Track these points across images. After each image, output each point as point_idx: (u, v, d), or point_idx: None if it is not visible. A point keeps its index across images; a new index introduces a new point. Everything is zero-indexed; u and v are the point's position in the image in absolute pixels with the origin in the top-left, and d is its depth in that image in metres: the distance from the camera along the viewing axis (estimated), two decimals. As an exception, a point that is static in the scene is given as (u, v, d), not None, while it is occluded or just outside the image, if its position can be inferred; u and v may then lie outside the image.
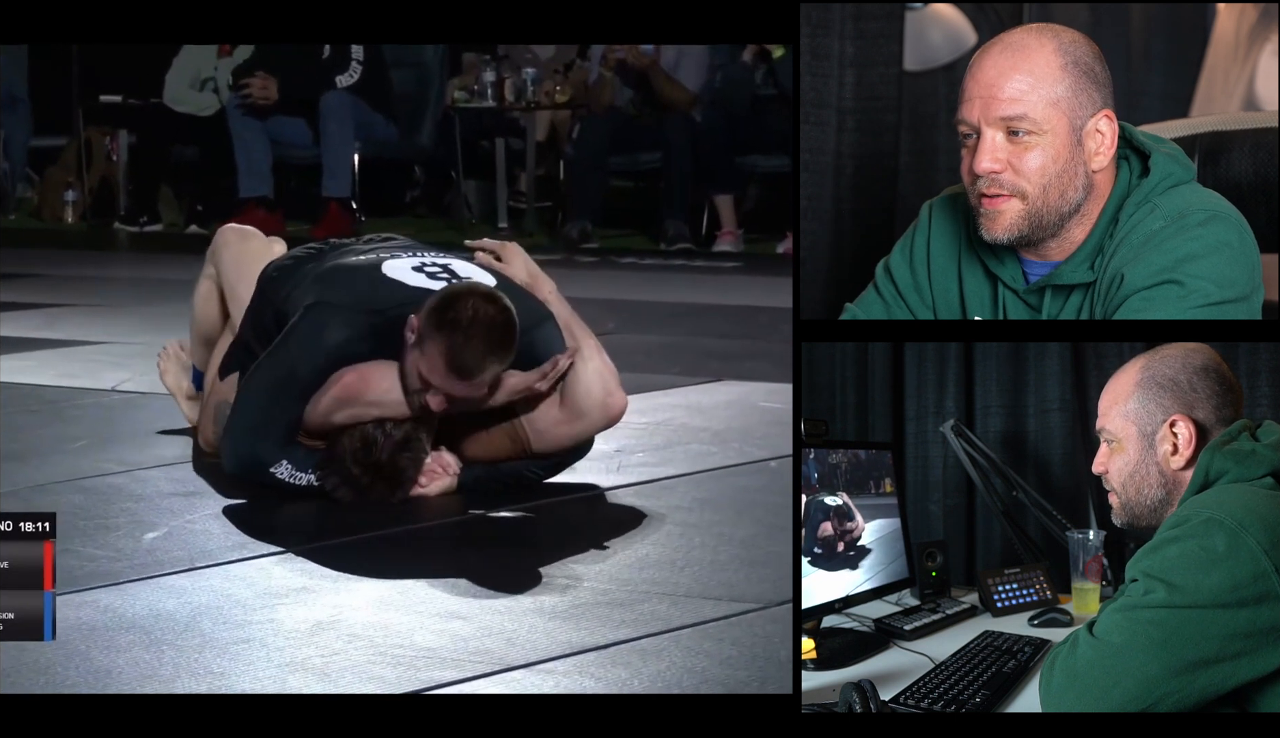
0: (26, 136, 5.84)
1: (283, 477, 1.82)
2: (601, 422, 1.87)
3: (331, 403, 1.81)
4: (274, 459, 1.81)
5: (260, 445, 1.81)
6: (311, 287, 1.87)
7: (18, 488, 1.92)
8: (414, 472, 1.82)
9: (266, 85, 4.93)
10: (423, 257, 1.92)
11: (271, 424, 1.81)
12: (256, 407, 1.83)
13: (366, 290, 1.85)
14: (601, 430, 1.90)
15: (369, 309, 1.83)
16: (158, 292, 3.56)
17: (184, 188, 5.41)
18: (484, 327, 1.74)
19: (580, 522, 1.84)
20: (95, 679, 1.29)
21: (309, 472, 1.82)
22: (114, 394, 2.51)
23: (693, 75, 4.79)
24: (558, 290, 1.91)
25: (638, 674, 1.31)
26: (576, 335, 1.86)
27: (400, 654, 1.35)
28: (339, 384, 1.80)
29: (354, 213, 4.99)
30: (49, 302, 3.59)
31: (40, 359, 2.83)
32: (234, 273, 2.08)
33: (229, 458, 1.85)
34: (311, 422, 1.82)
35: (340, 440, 1.81)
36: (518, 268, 1.91)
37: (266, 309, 1.94)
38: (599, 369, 1.84)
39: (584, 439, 1.89)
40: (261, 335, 1.93)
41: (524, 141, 5.23)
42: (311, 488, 1.83)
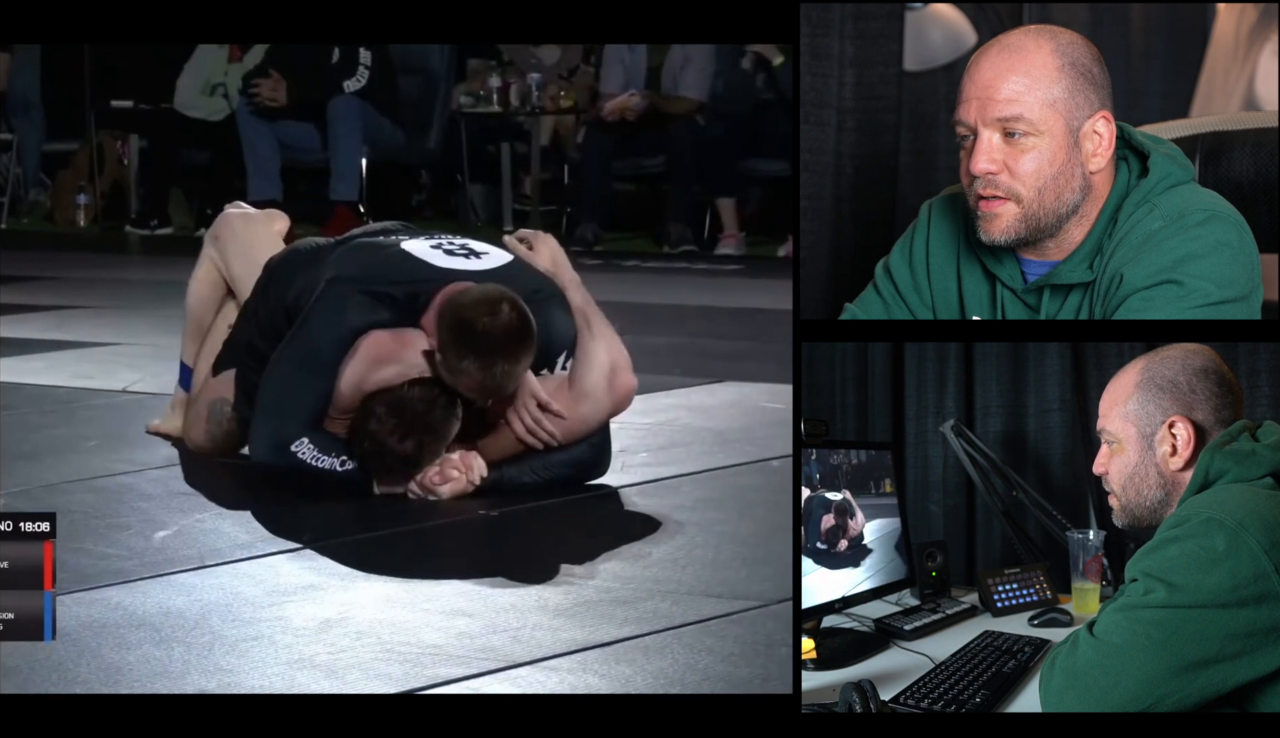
0: (39, 141, 5.89)
1: (304, 457, 1.80)
2: (608, 403, 1.86)
3: (365, 366, 1.79)
4: (296, 436, 1.80)
5: (286, 423, 1.80)
6: (329, 267, 1.87)
7: (30, 487, 1.94)
8: (446, 430, 1.81)
9: (276, 87, 4.96)
10: (439, 237, 1.93)
11: (298, 403, 1.80)
12: (281, 386, 1.82)
13: (386, 266, 1.85)
14: (610, 414, 1.88)
15: (389, 281, 1.83)
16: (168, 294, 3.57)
17: (194, 191, 5.45)
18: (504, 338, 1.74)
19: (584, 521, 1.85)
20: (106, 676, 1.31)
21: (331, 456, 1.81)
22: (125, 395, 2.53)
23: (696, 82, 4.81)
24: (578, 280, 1.89)
25: (641, 671, 1.32)
26: (590, 320, 1.85)
27: (407, 651, 1.37)
28: (371, 345, 1.79)
29: (361, 216, 5.01)
30: (61, 303, 3.62)
31: (52, 360, 2.85)
32: (234, 254, 2.06)
33: (256, 441, 1.84)
34: (344, 391, 1.80)
35: (372, 406, 1.79)
36: (542, 256, 1.90)
37: (275, 306, 1.93)
38: (607, 349, 1.84)
39: (593, 421, 1.86)
40: (269, 333, 1.92)
41: (529, 146, 5.25)
42: (334, 474, 1.81)
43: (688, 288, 4.02)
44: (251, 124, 5.00)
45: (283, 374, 1.83)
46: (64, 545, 1.33)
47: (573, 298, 1.87)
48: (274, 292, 1.96)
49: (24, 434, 2.23)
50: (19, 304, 3.56)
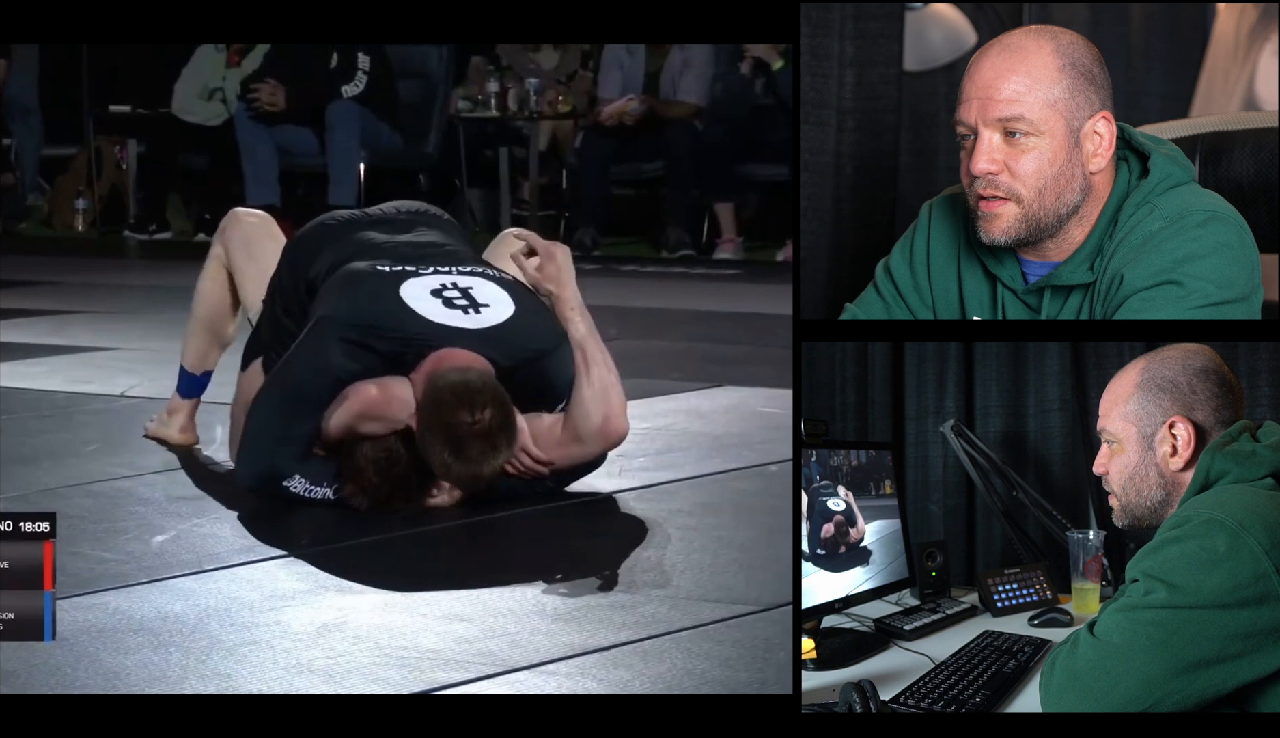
0: (37, 146, 5.89)
1: (297, 491, 1.81)
2: (599, 447, 1.84)
3: (353, 417, 1.79)
4: (289, 473, 1.80)
5: (275, 459, 1.80)
6: (328, 293, 1.84)
7: (28, 492, 1.93)
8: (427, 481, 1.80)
9: (275, 92, 4.96)
10: (444, 275, 1.86)
11: (285, 439, 1.80)
12: (269, 422, 1.81)
13: (377, 313, 1.81)
14: (600, 455, 1.87)
15: (378, 332, 1.79)
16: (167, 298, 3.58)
17: (192, 196, 5.45)
18: (480, 443, 1.71)
19: (582, 525, 1.84)
20: (104, 680, 1.30)
21: (324, 486, 1.80)
22: (123, 400, 2.53)
23: (695, 86, 4.81)
24: (582, 305, 1.84)
25: (639, 676, 1.31)
26: (588, 358, 1.80)
27: (405, 656, 1.36)
28: (361, 399, 1.78)
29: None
30: (59, 308, 3.61)
31: (50, 365, 2.85)
32: (238, 244, 2.04)
33: (243, 472, 1.84)
34: (332, 431, 1.80)
35: (362, 449, 1.79)
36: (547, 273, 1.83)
37: (298, 279, 1.89)
38: (602, 393, 1.80)
39: (582, 461, 1.86)
40: (293, 310, 1.88)
41: (527, 150, 5.25)
42: (326, 501, 1.81)
43: (686, 292, 4.02)
44: (250, 129, 5.01)
45: (269, 410, 1.82)
46: (62, 550, 1.31)
47: (574, 330, 1.82)
48: (299, 263, 1.91)
49: (22, 439, 2.23)
50: (17, 309, 3.55)
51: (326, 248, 1.91)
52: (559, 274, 1.85)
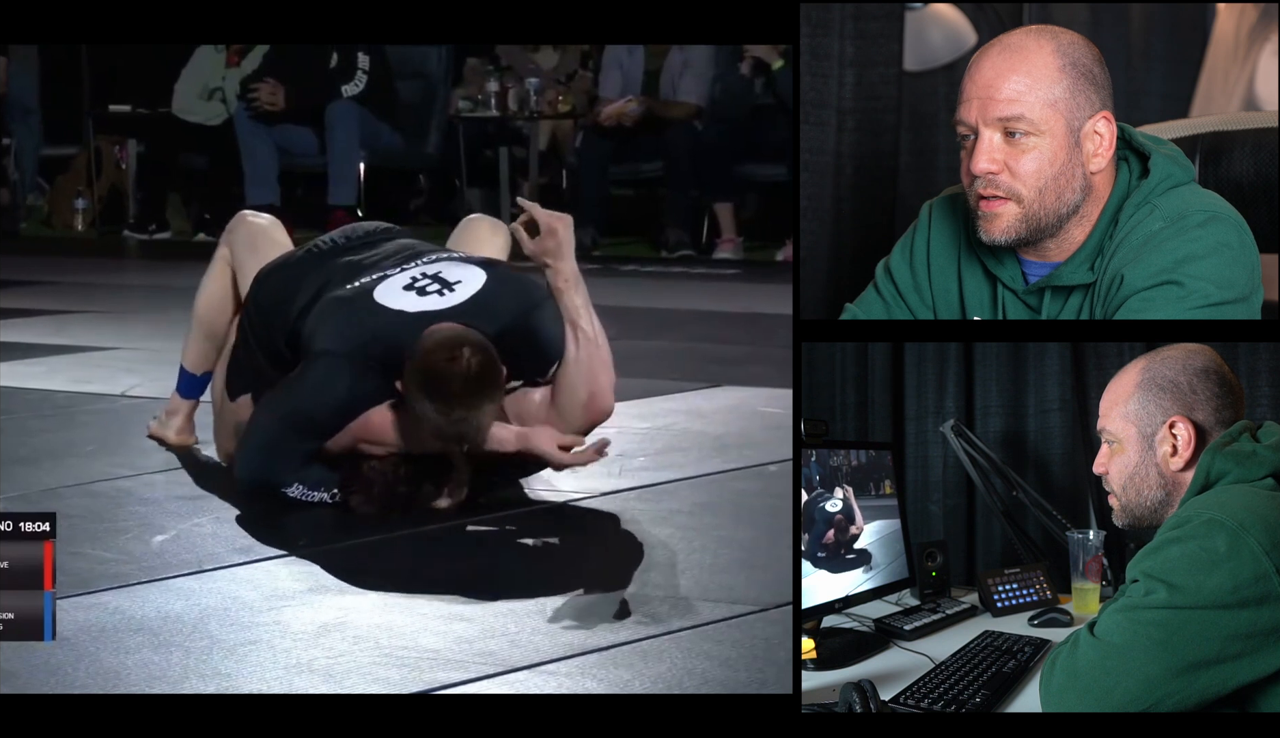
0: (37, 146, 5.89)
1: (295, 496, 1.84)
2: (584, 425, 1.85)
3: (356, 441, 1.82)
4: (288, 481, 1.83)
5: (274, 467, 1.83)
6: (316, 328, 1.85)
7: (28, 492, 1.94)
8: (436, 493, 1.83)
9: (275, 92, 4.96)
10: (412, 269, 1.89)
11: (287, 452, 1.83)
12: (272, 434, 1.83)
13: (364, 329, 1.83)
14: (588, 431, 1.87)
15: (372, 347, 1.82)
16: (167, 298, 3.58)
17: (192, 196, 5.45)
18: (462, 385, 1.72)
19: (582, 525, 1.85)
20: (104, 680, 1.30)
21: (322, 491, 1.83)
22: (123, 399, 2.53)
23: (694, 86, 4.82)
24: (578, 277, 1.83)
25: (639, 676, 1.31)
26: (578, 331, 1.81)
27: (405, 656, 1.36)
28: (364, 425, 1.81)
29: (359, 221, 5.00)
30: (59, 308, 3.61)
31: (51, 365, 2.85)
32: (244, 244, 2.05)
33: (242, 474, 1.86)
34: (337, 448, 1.83)
35: (369, 461, 1.81)
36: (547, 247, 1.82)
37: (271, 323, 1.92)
38: (589, 369, 1.81)
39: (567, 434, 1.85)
40: (274, 356, 1.91)
41: (527, 150, 5.25)
42: (324, 505, 1.83)
43: (685, 292, 4.02)
44: (250, 129, 5.01)
45: (274, 426, 1.84)
46: (62, 550, 1.32)
47: (566, 302, 1.83)
48: (265, 304, 1.94)
49: (22, 439, 2.23)
50: (17, 308, 3.56)
51: (301, 286, 1.92)
52: (559, 247, 1.84)
